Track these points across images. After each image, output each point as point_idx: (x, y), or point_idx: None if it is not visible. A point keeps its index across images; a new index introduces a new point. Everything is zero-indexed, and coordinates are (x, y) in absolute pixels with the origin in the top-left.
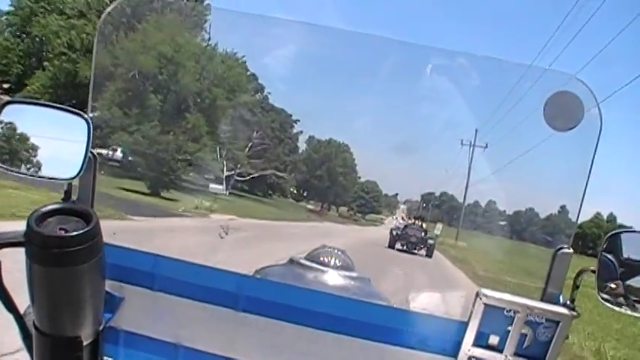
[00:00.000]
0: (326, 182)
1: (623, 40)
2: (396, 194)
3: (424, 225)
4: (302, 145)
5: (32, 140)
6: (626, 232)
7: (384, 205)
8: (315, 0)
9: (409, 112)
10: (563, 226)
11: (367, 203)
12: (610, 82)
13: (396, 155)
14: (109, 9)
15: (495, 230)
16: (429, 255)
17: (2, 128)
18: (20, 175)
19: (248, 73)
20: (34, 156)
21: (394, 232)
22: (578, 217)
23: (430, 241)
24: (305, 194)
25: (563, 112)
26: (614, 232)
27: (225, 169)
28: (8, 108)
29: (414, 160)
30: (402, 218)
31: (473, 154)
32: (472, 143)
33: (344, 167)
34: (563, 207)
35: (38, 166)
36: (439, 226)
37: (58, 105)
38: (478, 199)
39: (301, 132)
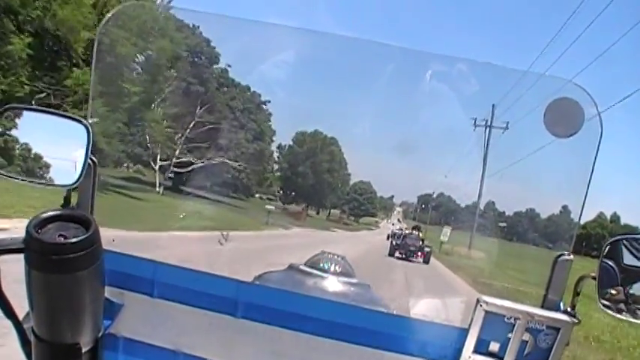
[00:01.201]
0: (310, 179)
1: (625, 43)
2: (392, 196)
3: (421, 234)
4: (281, 140)
5: (32, 146)
6: (626, 238)
7: (379, 207)
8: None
9: (405, 116)
10: (563, 233)
11: (361, 205)
12: (615, 84)
13: (392, 156)
14: (108, 16)
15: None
16: (426, 262)
17: (1, 134)
18: (20, 182)
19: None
20: (34, 162)
21: (394, 242)
22: (578, 223)
23: (427, 249)
24: (282, 193)
25: (564, 118)
26: (614, 238)
27: (159, 156)
28: (8, 114)
29: (410, 162)
30: (399, 220)
31: (489, 139)
32: (488, 123)
33: (331, 163)
34: (562, 213)
35: (38, 172)
36: (446, 230)
37: (58, 111)
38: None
39: (271, 115)
